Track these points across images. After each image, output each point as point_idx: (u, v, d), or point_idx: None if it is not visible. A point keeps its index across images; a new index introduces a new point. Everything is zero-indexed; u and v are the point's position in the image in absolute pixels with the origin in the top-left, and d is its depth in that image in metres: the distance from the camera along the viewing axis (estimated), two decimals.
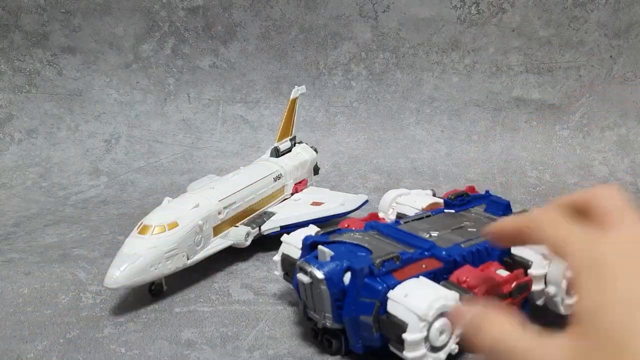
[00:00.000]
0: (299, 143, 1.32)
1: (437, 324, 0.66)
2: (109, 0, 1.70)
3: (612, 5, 1.59)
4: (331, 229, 0.84)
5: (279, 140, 1.27)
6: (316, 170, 1.33)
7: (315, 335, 0.78)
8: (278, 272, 0.88)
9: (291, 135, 1.30)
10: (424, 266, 0.73)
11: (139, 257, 0.86)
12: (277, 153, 1.24)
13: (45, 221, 1.30)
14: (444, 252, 0.76)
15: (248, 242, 1.03)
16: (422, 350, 0.66)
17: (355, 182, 1.52)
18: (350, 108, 1.75)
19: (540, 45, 1.65)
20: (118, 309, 0.89)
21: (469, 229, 0.87)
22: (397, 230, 0.84)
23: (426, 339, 0.66)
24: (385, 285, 0.68)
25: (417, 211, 0.96)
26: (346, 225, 0.88)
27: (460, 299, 0.68)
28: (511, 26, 1.65)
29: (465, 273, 0.74)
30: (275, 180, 1.17)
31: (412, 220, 0.90)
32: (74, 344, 0.81)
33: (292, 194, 1.22)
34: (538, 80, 1.67)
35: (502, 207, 0.95)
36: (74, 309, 0.90)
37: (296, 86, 1.28)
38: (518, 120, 1.68)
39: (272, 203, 1.17)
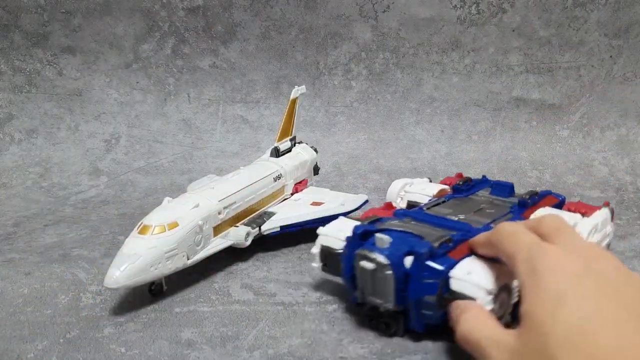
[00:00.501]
0: (299, 143, 1.32)
1: (501, 297, 0.73)
2: (109, 0, 1.70)
3: (612, 5, 1.59)
4: (373, 218, 0.87)
5: (278, 140, 1.27)
6: (316, 170, 1.33)
7: (370, 319, 0.82)
8: (316, 264, 0.90)
9: (291, 135, 1.30)
10: None
11: (139, 257, 0.87)
12: (277, 153, 1.24)
13: (45, 221, 1.30)
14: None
15: (248, 242, 1.03)
16: None
17: (355, 182, 1.52)
18: (350, 108, 1.75)
19: (540, 45, 1.65)
20: (118, 309, 0.89)
21: (487, 211, 0.93)
22: (429, 215, 0.89)
23: None
24: (446, 265, 0.74)
25: (428, 198, 1.01)
26: (371, 215, 0.92)
27: None
28: (511, 26, 1.65)
29: None
30: (275, 180, 1.18)
31: (432, 207, 0.95)
32: (73, 343, 0.81)
33: (292, 194, 1.22)
34: (538, 80, 1.67)
35: (508, 189, 1.00)
36: (74, 309, 0.90)
37: (296, 86, 1.28)
38: (518, 120, 1.68)
39: (272, 203, 1.17)
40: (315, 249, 0.90)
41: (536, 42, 1.65)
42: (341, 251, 0.85)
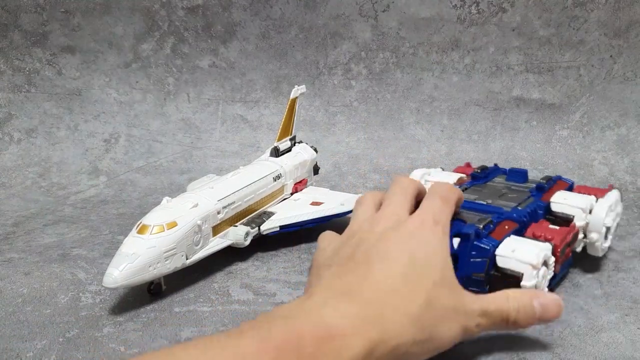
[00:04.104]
0: (298, 143, 1.32)
1: (542, 271, 0.79)
2: None
3: (612, 4, 1.59)
4: None
5: (278, 140, 1.27)
6: (316, 170, 1.33)
7: None
8: None
9: (291, 134, 1.30)
10: (506, 227, 0.85)
11: (137, 256, 0.86)
12: (276, 153, 1.24)
13: (44, 221, 1.30)
14: (514, 215, 0.89)
15: (247, 242, 1.03)
16: None
17: (355, 181, 1.52)
18: (350, 108, 1.75)
19: (540, 45, 1.65)
20: (117, 308, 0.89)
21: (509, 195, 0.99)
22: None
23: None
24: (492, 245, 0.80)
25: None
26: None
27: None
28: (511, 26, 1.65)
29: (538, 229, 0.87)
30: (275, 180, 1.17)
31: None
32: (73, 342, 0.81)
33: (291, 194, 1.22)
34: (538, 79, 1.67)
35: (522, 176, 1.07)
36: (73, 308, 0.90)
37: (296, 85, 1.28)
38: (518, 120, 1.68)
39: (272, 203, 1.17)
40: None
41: (536, 42, 1.65)
42: None
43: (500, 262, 0.79)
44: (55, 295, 0.94)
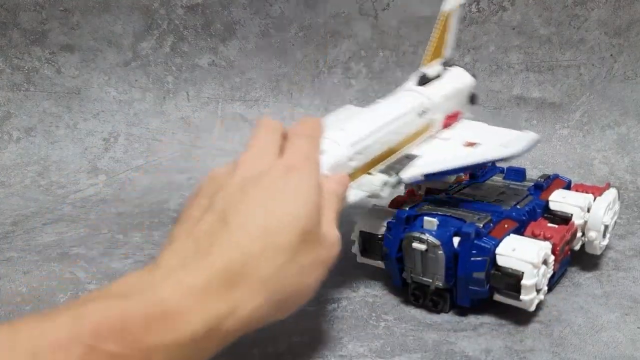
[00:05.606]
0: (451, 66, 1.06)
1: (542, 270, 0.79)
2: None
3: (613, 3, 1.59)
4: (412, 204, 0.92)
5: (427, 63, 1.01)
6: (473, 99, 1.06)
7: (416, 298, 0.86)
8: (355, 249, 0.94)
9: (443, 57, 1.05)
10: (506, 226, 0.85)
11: None
12: (424, 80, 1.00)
13: (43, 220, 1.30)
14: (513, 213, 0.89)
15: (385, 194, 0.84)
16: (534, 292, 0.78)
17: None
18: None
19: (541, 44, 1.65)
20: None
21: (507, 194, 0.98)
22: (458, 199, 0.95)
23: None
24: (492, 243, 0.79)
25: (447, 184, 1.07)
26: (402, 201, 0.97)
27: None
28: (511, 24, 1.65)
29: (537, 227, 0.87)
30: (420, 116, 0.93)
31: (456, 192, 1.00)
32: None
33: (440, 131, 0.99)
34: (538, 78, 1.67)
35: (521, 174, 1.07)
36: None
37: None
38: (518, 118, 1.68)
39: (415, 142, 0.94)
40: (355, 235, 0.93)
41: (536, 41, 1.65)
42: (381, 235, 0.90)
43: (501, 261, 0.80)
44: (55, 294, 0.94)
